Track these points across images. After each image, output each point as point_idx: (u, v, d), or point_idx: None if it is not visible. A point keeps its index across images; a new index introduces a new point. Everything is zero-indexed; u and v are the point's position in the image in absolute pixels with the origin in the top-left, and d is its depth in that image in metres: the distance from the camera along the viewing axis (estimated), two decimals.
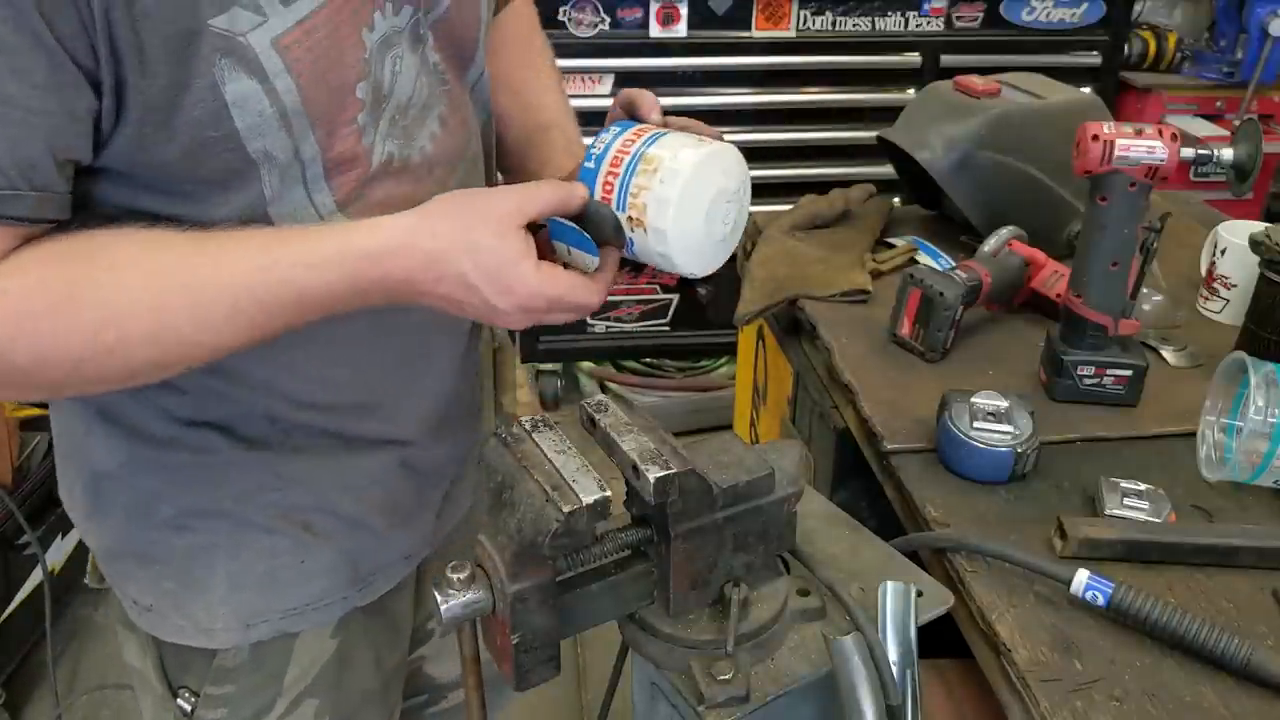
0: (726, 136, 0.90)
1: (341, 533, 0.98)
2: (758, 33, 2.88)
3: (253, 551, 0.95)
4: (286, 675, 0.99)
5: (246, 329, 0.78)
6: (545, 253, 0.83)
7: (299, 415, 0.93)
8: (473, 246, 0.79)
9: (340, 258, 0.78)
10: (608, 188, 0.85)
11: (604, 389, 3.17)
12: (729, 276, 1.71)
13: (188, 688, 0.98)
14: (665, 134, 0.87)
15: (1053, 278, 1.41)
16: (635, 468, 0.71)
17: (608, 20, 2.80)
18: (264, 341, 0.80)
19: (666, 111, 0.92)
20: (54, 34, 0.67)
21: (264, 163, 0.78)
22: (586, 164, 0.86)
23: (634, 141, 0.86)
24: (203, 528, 0.94)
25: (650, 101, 0.91)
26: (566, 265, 0.87)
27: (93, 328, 0.74)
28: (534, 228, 0.83)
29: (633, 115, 0.93)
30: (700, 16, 2.83)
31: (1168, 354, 1.35)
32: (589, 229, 0.86)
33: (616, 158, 0.85)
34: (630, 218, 0.84)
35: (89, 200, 0.77)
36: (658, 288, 3.01)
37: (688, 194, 0.83)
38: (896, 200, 1.83)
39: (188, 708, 0.98)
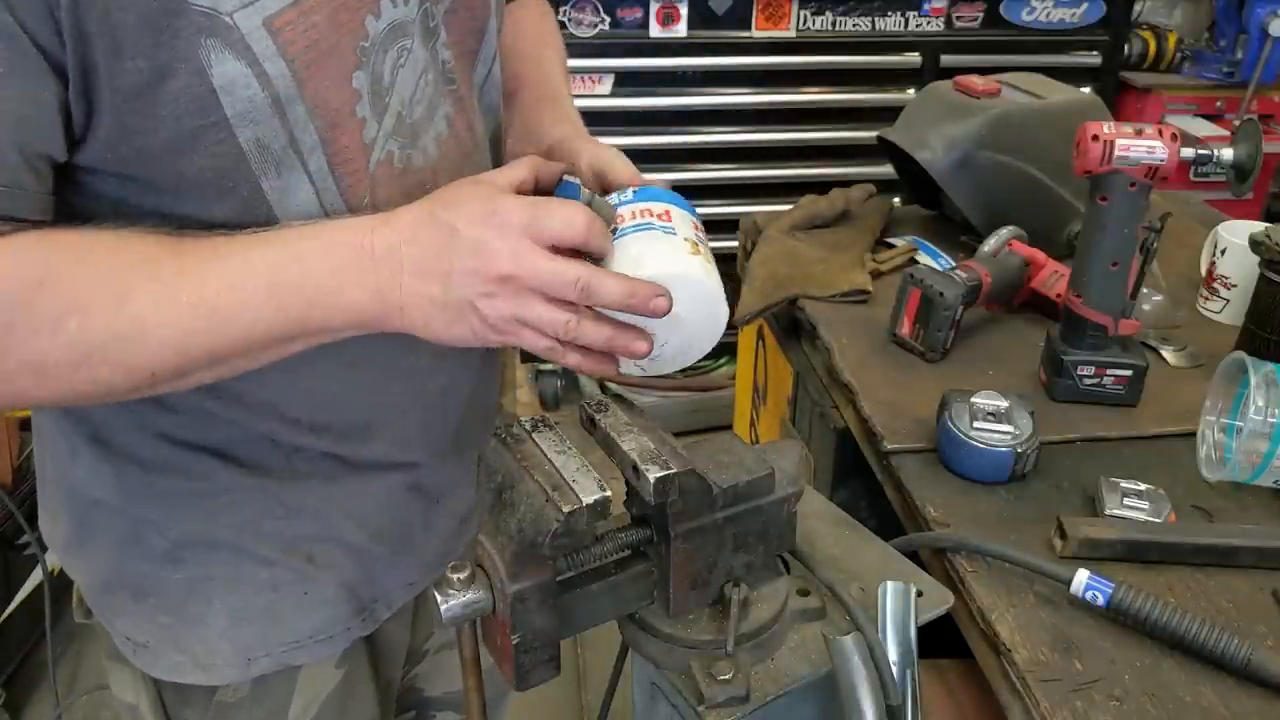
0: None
1: (345, 562, 0.94)
2: (758, 33, 2.88)
3: (252, 585, 0.90)
4: (291, 709, 0.95)
5: (216, 323, 0.72)
6: None
7: (300, 438, 0.88)
8: (443, 193, 0.76)
9: (315, 232, 0.74)
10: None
11: (604, 389, 3.17)
12: (729, 276, 1.72)
13: None
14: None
15: (1053, 278, 1.41)
16: (635, 468, 0.71)
17: (608, 20, 2.80)
18: (238, 350, 0.74)
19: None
20: (15, 19, 0.63)
21: (257, 154, 0.73)
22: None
23: (652, 217, 0.80)
24: (199, 560, 0.90)
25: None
26: None
27: (56, 315, 0.69)
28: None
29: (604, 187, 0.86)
30: (700, 16, 2.83)
31: (1168, 354, 1.35)
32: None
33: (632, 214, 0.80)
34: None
35: (86, 203, 0.74)
36: None
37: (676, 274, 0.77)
38: (896, 200, 1.83)
39: None
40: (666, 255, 0.78)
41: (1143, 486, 1.05)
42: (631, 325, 0.78)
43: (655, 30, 2.83)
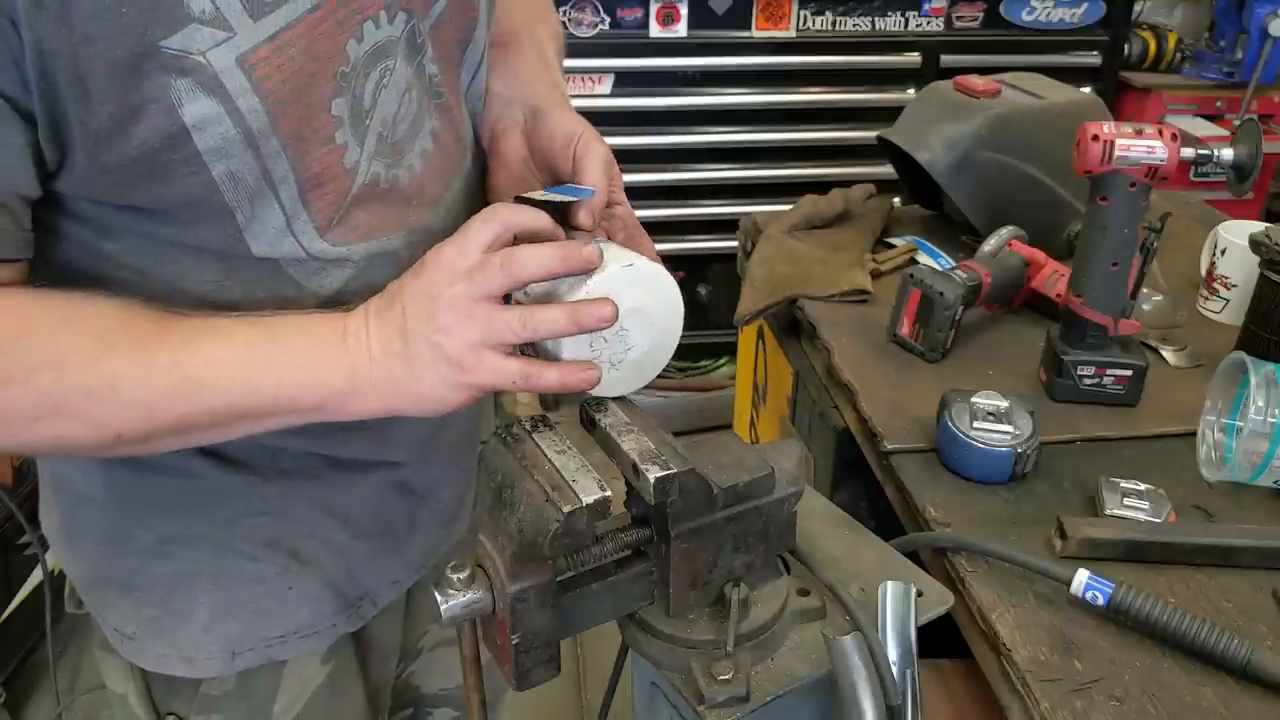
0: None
1: (330, 559, 0.94)
2: (758, 33, 2.88)
3: (237, 579, 0.91)
4: (276, 704, 0.95)
5: (187, 390, 0.74)
6: None
7: (283, 438, 0.87)
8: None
9: (296, 317, 0.77)
10: None
11: None
12: (729, 276, 1.72)
13: (175, 714, 0.95)
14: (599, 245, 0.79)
15: (1053, 278, 1.41)
16: (635, 468, 0.71)
17: (608, 20, 2.80)
18: (205, 421, 0.76)
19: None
20: None
21: (230, 185, 0.73)
22: None
23: None
24: (184, 555, 0.90)
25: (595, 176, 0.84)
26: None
27: (31, 366, 0.71)
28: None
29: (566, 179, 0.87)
30: (700, 16, 2.83)
31: (1168, 354, 1.35)
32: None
33: None
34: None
35: (67, 224, 0.75)
36: None
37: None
38: (896, 200, 1.83)
39: None
40: (625, 252, 0.79)
41: (1143, 486, 1.05)
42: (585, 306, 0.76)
43: (655, 30, 2.84)
